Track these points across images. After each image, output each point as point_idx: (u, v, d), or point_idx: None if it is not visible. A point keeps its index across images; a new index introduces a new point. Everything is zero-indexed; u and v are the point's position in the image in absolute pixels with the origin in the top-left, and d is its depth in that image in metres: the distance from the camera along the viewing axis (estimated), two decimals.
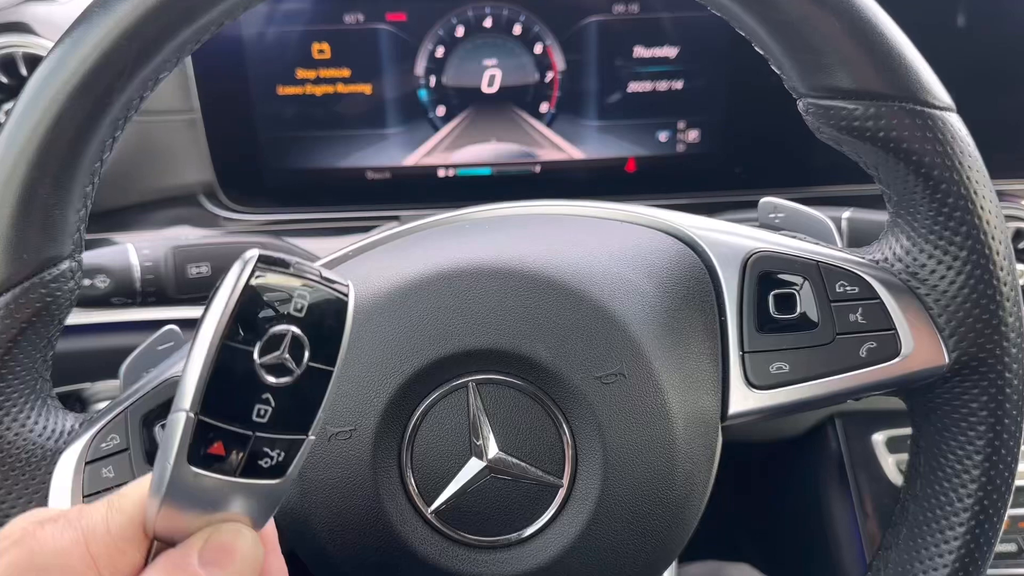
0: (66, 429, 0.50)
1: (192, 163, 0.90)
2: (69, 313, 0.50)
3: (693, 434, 0.50)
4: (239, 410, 0.32)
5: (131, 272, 0.72)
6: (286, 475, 0.34)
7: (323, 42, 0.87)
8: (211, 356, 0.31)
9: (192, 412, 0.31)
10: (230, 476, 0.32)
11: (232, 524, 0.34)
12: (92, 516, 0.33)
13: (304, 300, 0.33)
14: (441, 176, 0.93)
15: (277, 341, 0.32)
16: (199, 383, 0.31)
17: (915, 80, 0.47)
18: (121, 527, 0.33)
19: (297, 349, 0.33)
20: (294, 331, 0.33)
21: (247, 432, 0.32)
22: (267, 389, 0.32)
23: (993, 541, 0.52)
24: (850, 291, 0.50)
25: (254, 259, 0.32)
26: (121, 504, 0.34)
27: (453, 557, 0.49)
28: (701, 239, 0.53)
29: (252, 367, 0.32)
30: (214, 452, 0.32)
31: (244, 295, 0.32)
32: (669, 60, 0.90)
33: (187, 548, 0.33)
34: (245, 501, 0.34)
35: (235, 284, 0.32)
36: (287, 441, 0.33)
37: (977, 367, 0.50)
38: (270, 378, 0.32)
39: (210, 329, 0.32)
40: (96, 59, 0.45)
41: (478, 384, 0.49)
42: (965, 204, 0.48)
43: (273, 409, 0.33)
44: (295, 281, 0.33)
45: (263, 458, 0.33)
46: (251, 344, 0.32)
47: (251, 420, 0.32)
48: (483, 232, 0.56)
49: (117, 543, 0.33)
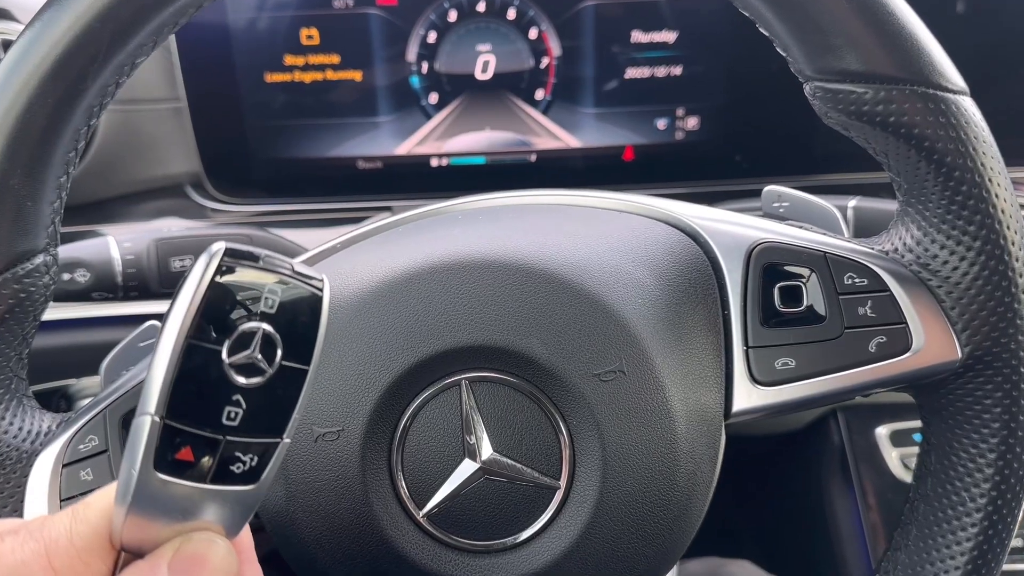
0: (42, 430, 0.49)
1: (178, 153, 0.90)
2: (45, 309, 0.49)
3: (695, 433, 0.49)
4: (208, 413, 0.31)
5: (112, 266, 0.71)
6: (260, 480, 0.32)
7: (311, 27, 0.86)
8: (176, 356, 0.30)
9: (157, 416, 0.30)
10: (200, 483, 0.31)
11: (204, 533, 0.33)
12: (55, 527, 0.32)
13: (275, 296, 0.31)
14: (434, 165, 0.93)
15: (247, 339, 0.31)
16: (164, 385, 0.30)
17: (927, 62, 0.46)
18: (85, 538, 0.32)
19: (269, 348, 0.31)
20: (265, 328, 0.31)
21: (217, 436, 0.31)
22: (237, 390, 0.31)
23: (1007, 541, 0.51)
24: (859, 283, 0.49)
25: (220, 252, 0.31)
26: (86, 514, 0.32)
27: (446, 563, 0.48)
28: (703, 229, 0.52)
29: (221, 367, 0.31)
30: (182, 458, 0.31)
31: (210, 291, 0.30)
32: (668, 45, 0.89)
33: (156, 559, 0.32)
34: (217, 508, 0.32)
35: (200, 279, 0.30)
36: (261, 445, 0.32)
37: (991, 362, 0.49)
38: (240, 378, 0.31)
39: (175, 327, 0.30)
40: (68, 43, 0.43)
41: (471, 382, 0.48)
42: (979, 192, 0.47)
43: (244, 411, 0.31)
44: (266, 276, 0.31)
45: (235, 463, 0.32)
46: (219, 343, 0.31)
47: (221, 423, 0.31)
48: (476, 223, 0.55)
49: (81, 555, 0.32)
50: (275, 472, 0.33)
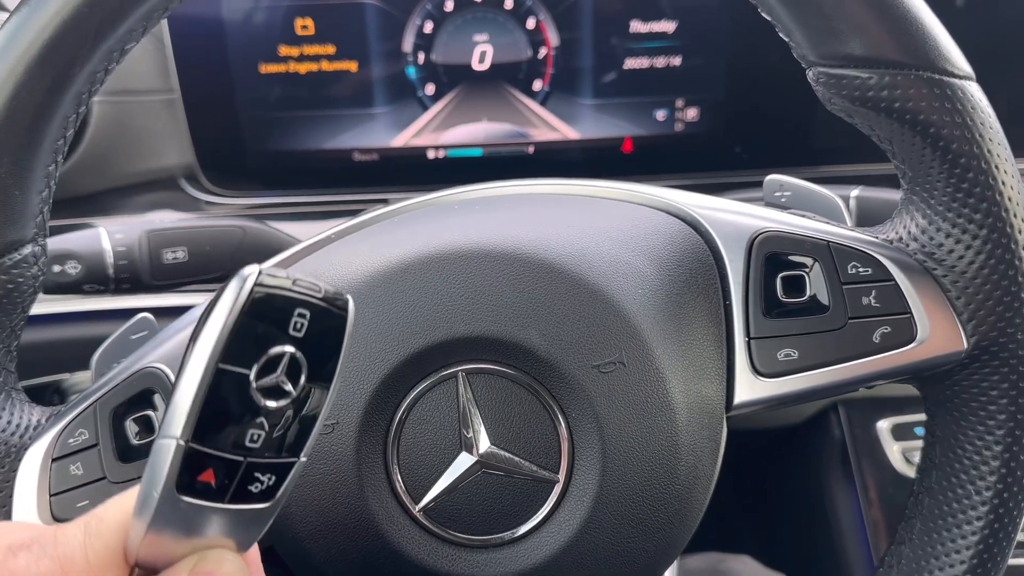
0: (32, 423, 0.49)
1: (172, 145, 0.90)
2: (34, 301, 0.49)
3: (696, 425, 0.48)
4: (232, 436, 0.31)
5: (103, 257, 0.70)
6: (275, 499, 0.33)
7: (306, 17, 0.86)
8: (206, 381, 0.30)
9: (182, 440, 0.30)
10: (219, 503, 0.31)
11: (218, 551, 0.33)
12: (69, 543, 0.32)
13: (304, 320, 0.31)
14: (431, 158, 0.93)
15: (274, 363, 0.31)
16: (192, 409, 0.30)
17: (932, 46, 0.45)
18: (100, 555, 0.32)
19: (294, 370, 0.31)
20: (292, 352, 0.31)
21: (239, 458, 0.31)
22: (261, 413, 0.31)
23: (1013, 535, 0.51)
24: (863, 273, 0.49)
25: (253, 276, 0.30)
26: (100, 529, 0.32)
27: (442, 557, 0.48)
28: (704, 218, 0.52)
29: (248, 391, 0.31)
30: (204, 480, 0.31)
31: (243, 316, 0.30)
32: (667, 35, 0.88)
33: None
34: (232, 526, 0.33)
35: (233, 304, 0.30)
36: (279, 465, 0.32)
37: (997, 352, 0.48)
38: (266, 402, 0.31)
39: (205, 351, 0.30)
40: (56, 28, 0.43)
41: (468, 374, 0.47)
42: (985, 179, 0.46)
43: (266, 433, 0.31)
44: (295, 299, 0.31)
45: (253, 483, 0.32)
46: (248, 367, 0.30)
47: (243, 446, 0.31)
48: (473, 213, 0.54)
49: (96, 572, 0.32)
50: (290, 490, 0.33)
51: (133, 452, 0.48)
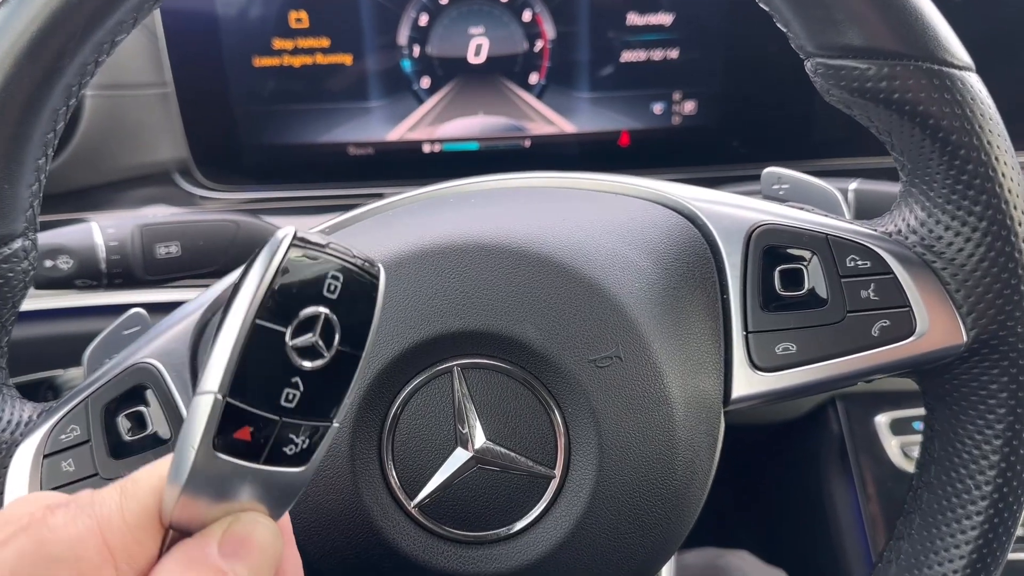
0: (23, 420, 0.49)
1: (165, 139, 0.89)
2: (24, 296, 0.48)
3: (694, 420, 0.48)
4: (268, 394, 0.31)
5: (95, 252, 0.70)
6: (309, 463, 0.33)
7: (300, 10, 0.85)
8: (243, 335, 0.30)
9: (220, 394, 0.30)
10: (254, 463, 0.32)
11: (251, 514, 0.33)
12: (106, 503, 0.32)
13: (338, 282, 0.32)
14: (426, 151, 0.92)
15: (310, 323, 0.32)
16: (229, 363, 0.30)
17: (932, 37, 0.45)
18: (137, 515, 0.32)
19: (328, 332, 0.32)
20: (326, 313, 0.32)
21: (274, 417, 0.32)
22: (297, 373, 0.32)
23: (1013, 529, 0.51)
24: (862, 266, 0.48)
25: (289, 236, 0.31)
26: (135, 491, 0.32)
27: (438, 554, 0.48)
28: (701, 211, 0.51)
29: (284, 350, 0.31)
30: (240, 437, 0.31)
31: (279, 274, 0.31)
32: (664, 28, 0.88)
33: (205, 539, 0.32)
34: (266, 490, 0.33)
35: (270, 262, 0.31)
36: (312, 427, 0.33)
37: (997, 346, 0.48)
38: (301, 361, 0.32)
39: (243, 307, 0.31)
40: (45, 20, 0.42)
41: (463, 369, 0.47)
42: (985, 171, 0.46)
43: (301, 394, 0.32)
44: (329, 262, 0.32)
45: (288, 444, 0.32)
46: (284, 325, 0.31)
47: (279, 405, 0.32)
48: (468, 206, 0.54)
49: (135, 533, 0.31)
50: (323, 456, 0.33)
51: (125, 448, 0.47)
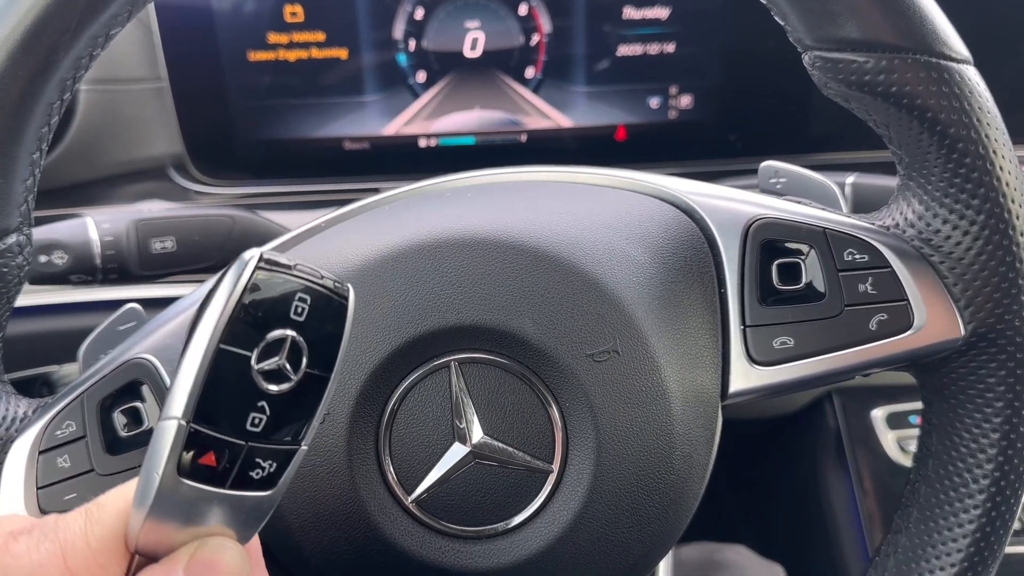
0: (18, 416, 0.48)
1: (160, 134, 0.89)
2: (19, 292, 0.48)
3: (691, 414, 0.48)
4: (233, 419, 0.31)
5: (90, 247, 0.69)
6: (276, 487, 0.33)
7: (295, 4, 0.85)
8: (207, 361, 0.30)
9: (184, 420, 0.30)
10: (220, 488, 0.32)
11: (217, 539, 0.33)
12: (70, 528, 0.32)
13: (305, 304, 0.32)
14: (422, 146, 0.92)
15: (276, 347, 0.32)
16: (193, 389, 0.30)
17: (930, 30, 0.45)
18: (102, 540, 0.32)
19: (295, 355, 0.32)
20: (293, 336, 0.32)
21: (240, 442, 0.31)
22: (263, 397, 0.32)
23: (1010, 523, 0.50)
24: (859, 259, 0.48)
25: (255, 258, 0.31)
26: (100, 515, 0.32)
27: (436, 549, 0.48)
28: (699, 205, 0.51)
29: (249, 374, 0.31)
30: (205, 463, 0.31)
31: (244, 297, 0.31)
32: (660, 22, 0.87)
33: (171, 564, 0.32)
34: (233, 514, 0.33)
35: (235, 285, 0.31)
36: (279, 451, 0.33)
37: (995, 339, 0.48)
38: (267, 385, 0.31)
39: (207, 332, 0.30)
40: (39, 13, 0.42)
41: (461, 363, 0.47)
42: (983, 164, 0.46)
43: (268, 418, 0.32)
44: (296, 284, 0.32)
45: (254, 469, 0.32)
46: (249, 349, 0.31)
47: (246, 429, 0.32)
48: (465, 200, 0.54)
49: (97, 557, 0.32)
50: (291, 479, 0.33)
51: (121, 444, 0.47)
